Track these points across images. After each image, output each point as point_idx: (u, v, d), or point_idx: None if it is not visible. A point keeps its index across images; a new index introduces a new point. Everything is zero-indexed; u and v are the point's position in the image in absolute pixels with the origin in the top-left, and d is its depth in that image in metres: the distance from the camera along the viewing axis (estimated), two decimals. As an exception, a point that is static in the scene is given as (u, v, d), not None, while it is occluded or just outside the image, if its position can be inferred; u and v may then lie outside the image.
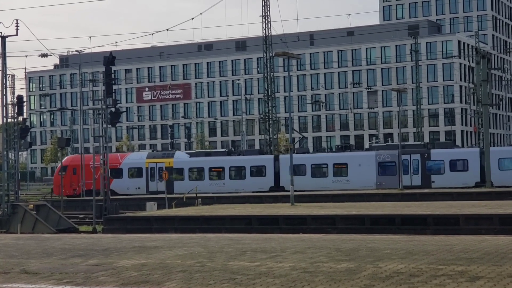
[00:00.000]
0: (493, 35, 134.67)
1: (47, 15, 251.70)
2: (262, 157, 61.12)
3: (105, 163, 42.61)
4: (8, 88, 42.37)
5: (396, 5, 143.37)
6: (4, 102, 40.67)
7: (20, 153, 61.92)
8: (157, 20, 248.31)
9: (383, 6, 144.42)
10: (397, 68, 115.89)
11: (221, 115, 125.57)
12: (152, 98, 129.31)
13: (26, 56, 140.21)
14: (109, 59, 41.39)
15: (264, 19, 78.67)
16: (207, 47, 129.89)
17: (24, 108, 45.41)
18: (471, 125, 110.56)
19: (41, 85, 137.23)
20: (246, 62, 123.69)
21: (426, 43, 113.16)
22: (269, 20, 78.79)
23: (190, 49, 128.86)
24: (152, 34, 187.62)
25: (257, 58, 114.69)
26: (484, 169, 53.67)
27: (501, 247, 15.30)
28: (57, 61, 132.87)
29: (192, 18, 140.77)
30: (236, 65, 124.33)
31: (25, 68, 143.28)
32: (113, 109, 42.28)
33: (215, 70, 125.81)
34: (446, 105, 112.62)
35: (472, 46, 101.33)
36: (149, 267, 13.65)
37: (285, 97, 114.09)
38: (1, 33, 39.94)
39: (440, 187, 52.57)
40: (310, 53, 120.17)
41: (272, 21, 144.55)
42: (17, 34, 39.51)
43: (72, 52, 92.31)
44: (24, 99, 45.89)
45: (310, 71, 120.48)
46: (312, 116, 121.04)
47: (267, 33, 78.92)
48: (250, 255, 15.08)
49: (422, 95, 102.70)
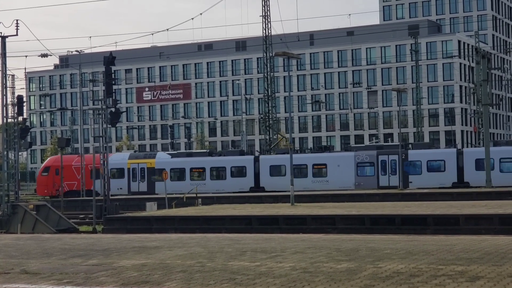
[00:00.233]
0: (493, 35, 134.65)
1: (47, 15, 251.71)
2: (242, 158, 61.37)
3: (105, 163, 42.62)
4: (8, 88, 42.36)
5: (396, 5, 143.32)
6: (4, 102, 40.67)
7: (20, 153, 61.90)
8: (157, 20, 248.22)
9: (383, 6, 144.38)
10: (397, 68, 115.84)
11: (221, 115, 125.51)
12: (152, 98, 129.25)
13: (26, 56, 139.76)
14: (109, 59, 41.41)
15: (264, 19, 78.75)
16: (207, 47, 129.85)
17: (24, 108, 45.42)
18: (471, 125, 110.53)
19: (41, 85, 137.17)
20: (246, 62, 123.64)
21: (426, 43, 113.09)
22: (269, 20, 78.92)
23: (190, 49, 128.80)
24: (152, 34, 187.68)
25: (257, 58, 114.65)
26: (462, 170, 54.19)
27: (501, 247, 15.30)
28: (57, 61, 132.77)
29: (192, 18, 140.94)
30: (236, 65, 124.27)
31: (25, 68, 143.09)
32: (113, 109, 42.29)
33: (215, 70, 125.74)
34: (446, 105, 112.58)
35: (472, 46, 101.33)
36: (149, 267, 13.65)
37: (285, 97, 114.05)
38: (1, 33, 39.95)
39: (418, 188, 52.69)
40: (310, 53, 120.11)
41: (272, 21, 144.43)
42: (17, 34, 39.53)
43: (72, 52, 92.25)
44: (24, 99, 45.89)
45: (310, 71, 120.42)
46: (312, 116, 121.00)
47: (267, 33, 78.99)
48: (250, 255, 15.08)
49: (422, 95, 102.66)
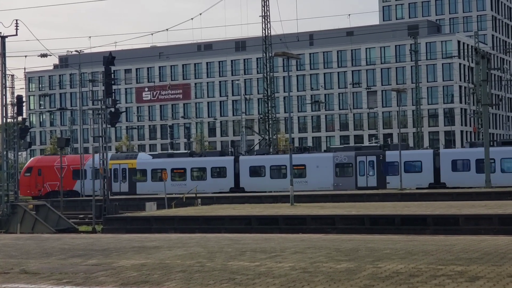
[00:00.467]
0: (493, 35, 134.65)
1: (47, 15, 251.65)
2: (223, 159, 61.53)
3: (105, 164, 42.60)
4: (8, 88, 42.33)
5: (396, 5, 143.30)
6: (4, 102, 40.66)
7: (20, 153, 61.85)
8: (157, 20, 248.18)
9: (383, 6, 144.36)
10: (397, 68, 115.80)
11: (221, 115, 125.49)
12: (152, 98, 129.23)
13: (26, 56, 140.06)
14: (109, 59, 41.41)
15: (264, 19, 78.76)
16: (207, 47, 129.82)
17: (24, 108, 45.47)
18: (471, 125, 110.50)
19: (41, 85, 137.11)
20: (246, 62, 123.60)
21: (426, 43, 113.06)
22: (269, 20, 78.94)
23: (190, 49, 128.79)
24: (152, 34, 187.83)
25: (257, 58, 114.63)
26: (438, 171, 54.43)
27: (501, 247, 15.30)
28: (57, 61, 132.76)
29: (192, 18, 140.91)
30: (236, 65, 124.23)
31: (25, 68, 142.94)
32: (113, 109, 42.31)
33: (215, 70, 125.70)
34: (446, 105, 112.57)
35: (472, 46, 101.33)
36: (149, 267, 13.65)
37: (285, 97, 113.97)
38: (1, 33, 39.97)
39: (395, 188, 52.76)
40: (310, 53, 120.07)
41: (272, 21, 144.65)
42: (17, 34, 39.58)
43: (72, 52, 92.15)
44: (24, 99, 45.93)
45: (310, 71, 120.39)
46: (312, 116, 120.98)
47: (267, 33, 79.00)
48: (250, 255, 15.08)
49: (422, 95, 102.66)
